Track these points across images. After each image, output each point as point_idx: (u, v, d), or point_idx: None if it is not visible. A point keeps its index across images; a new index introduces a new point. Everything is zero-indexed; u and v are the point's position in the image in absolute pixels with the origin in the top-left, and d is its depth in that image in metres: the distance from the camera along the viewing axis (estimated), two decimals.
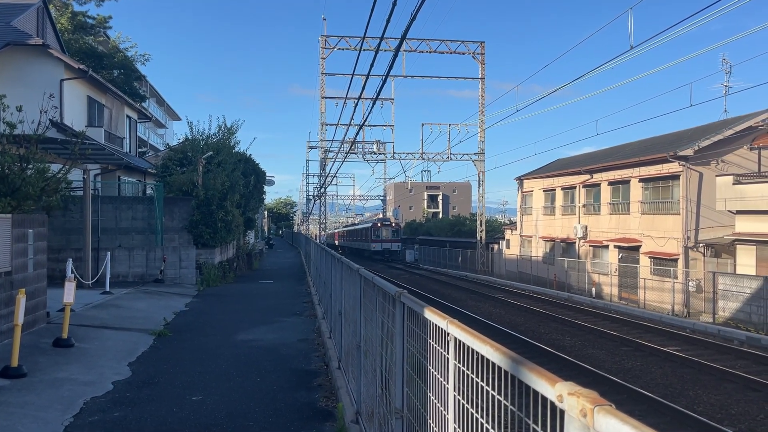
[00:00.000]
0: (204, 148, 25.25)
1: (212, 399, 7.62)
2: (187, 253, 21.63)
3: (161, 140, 51.34)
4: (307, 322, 13.84)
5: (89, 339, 10.81)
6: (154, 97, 49.30)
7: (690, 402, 9.39)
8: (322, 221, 59.15)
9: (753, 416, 8.67)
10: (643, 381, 10.60)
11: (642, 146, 31.35)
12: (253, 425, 6.65)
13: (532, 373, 1.73)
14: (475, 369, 2.42)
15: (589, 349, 13.12)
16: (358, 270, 6.26)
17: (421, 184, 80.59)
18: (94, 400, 7.44)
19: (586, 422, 1.36)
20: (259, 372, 9.11)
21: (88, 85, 24.97)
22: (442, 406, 2.90)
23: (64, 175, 13.26)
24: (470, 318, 16.98)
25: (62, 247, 19.26)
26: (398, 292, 4.08)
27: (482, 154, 40.55)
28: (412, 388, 3.69)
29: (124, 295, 16.81)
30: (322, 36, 38.36)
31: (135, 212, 21.83)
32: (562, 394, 1.49)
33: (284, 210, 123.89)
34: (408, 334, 3.83)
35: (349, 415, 6.29)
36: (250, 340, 11.66)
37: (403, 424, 3.88)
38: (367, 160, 42.16)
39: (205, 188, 22.61)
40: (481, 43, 39.37)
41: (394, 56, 11.01)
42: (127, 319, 13.28)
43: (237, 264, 28.81)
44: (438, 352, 2.99)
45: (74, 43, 31.89)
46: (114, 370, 9.03)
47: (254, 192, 30.42)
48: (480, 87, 40.05)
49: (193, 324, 13.57)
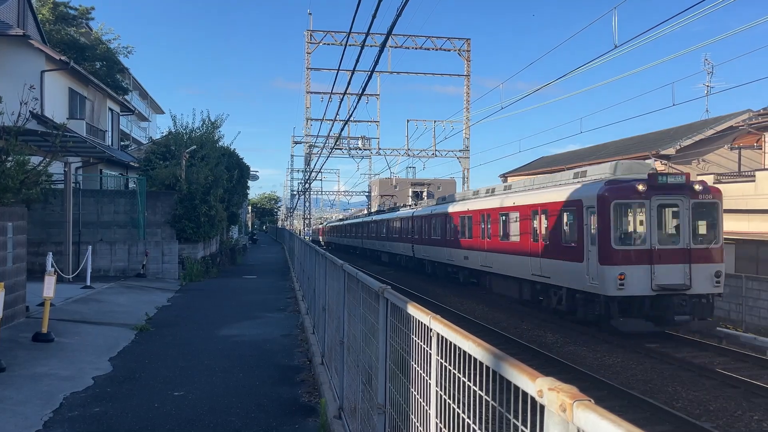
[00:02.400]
0: (188, 142, 25.07)
1: (194, 394, 7.58)
2: (170, 248, 21.47)
3: (144, 133, 50.85)
4: (291, 318, 13.81)
5: (69, 334, 10.70)
6: (137, 90, 48.81)
7: (669, 398, 9.51)
8: (306, 216, 58.90)
9: (731, 412, 8.80)
10: (623, 377, 10.72)
11: (625, 145, 31.64)
12: (236, 420, 6.63)
13: (514, 368, 1.74)
14: (458, 365, 2.43)
15: (570, 346, 13.23)
16: (342, 266, 6.25)
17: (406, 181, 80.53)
18: (74, 395, 7.37)
19: (565, 417, 1.38)
20: (242, 367, 9.07)
21: (69, 76, 24.66)
22: (425, 401, 2.91)
23: (45, 167, 13.10)
24: (454, 315, 17.02)
25: (42, 240, 19.02)
26: (382, 288, 4.08)
27: (467, 151, 40.65)
28: (395, 384, 3.70)
29: (106, 289, 16.65)
30: (307, 30, 38.19)
31: (117, 206, 21.62)
32: (542, 389, 1.50)
33: (268, 205, 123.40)
34: (391, 330, 3.84)
35: (332, 411, 6.29)
36: (233, 336, 11.61)
37: (385, 420, 3.89)
38: (352, 155, 42.07)
39: (188, 182, 22.46)
40: (467, 40, 39.44)
41: (379, 52, 11.00)
42: (108, 314, 13.17)
43: (220, 259, 28.66)
44: (421, 347, 3.00)
45: (56, 34, 31.46)
46: (94, 365, 8.95)
47: (238, 187, 30.26)
48: (465, 84, 40.14)
49: (176, 319, 13.48)
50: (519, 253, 17.36)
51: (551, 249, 15.46)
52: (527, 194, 17.60)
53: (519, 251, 17.37)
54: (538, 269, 16.08)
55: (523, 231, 17.25)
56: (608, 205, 13.19)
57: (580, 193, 14.35)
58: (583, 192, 14.26)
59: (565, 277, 14.78)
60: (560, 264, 14.94)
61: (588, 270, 13.64)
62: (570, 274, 14.49)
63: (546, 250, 15.70)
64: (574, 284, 14.40)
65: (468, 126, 40.27)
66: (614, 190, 13.40)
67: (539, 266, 16.00)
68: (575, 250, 14.22)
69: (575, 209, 14.44)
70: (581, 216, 14.06)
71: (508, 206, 18.55)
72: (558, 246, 15.15)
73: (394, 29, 10.39)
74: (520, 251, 17.31)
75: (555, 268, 15.22)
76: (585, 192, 14.19)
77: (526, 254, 16.86)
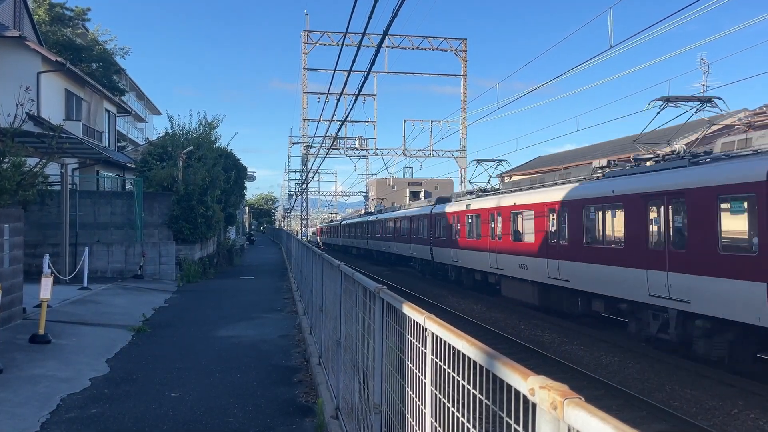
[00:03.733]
0: (184, 143, 25.04)
1: (192, 395, 7.58)
2: (167, 249, 21.45)
3: (141, 135, 50.82)
4: (288, 319, 13.81)
5: (66, 335, 10.69)
6: (133, 91, 48.77)
7: (666, 396, 9.53)
8: (303, 217, 58.90)
9: (727, 411, 8.83)
10: (620, 376, 10.74)
11: (621, 144, 31.66)
12: (233, 421, 6.63)
13: (506, 367, 1.75)
14: (452, 364, 2.44)
15: (568, 345, 13.26)
16: (339, 266, 6.27)
17: (403, 181, 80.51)
18: (71, 397, 7.37)
19: (556, 415, 1.39)
20: (239, 368, 9.08)
21: (66, 78, 24.64)
22: (420, 400, 2.92)
23: (41, 169, 13.09)
24: (451, 315, 17.04)
25: (39, 242, 18.99)
26: (378, 288, 4.10)
27: (464, 151, 40.71)
28: (391, 384, 3.71)
29: (103, 290, 16.64)
30: (304, 31, 38.23)
31: (114, 207, 21.59)
32: (534, 387, 1.52)
33: (266, 206, 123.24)
34: (387, 330, 3.85)
35: (329, 411, 6.30)
36: (230, 337, 11.61)
37: (381, 419, 3.91)
38: (349, 156, 42.10)
39: (185, 183, 22.43)
40: (464, 41, 39.50)
41: (376, 52, 11.01)
42: (106, 315, 13.15)
43: (218, 260, 28.64)
44: (416, 347, 3.01)
45: (52, 35, 31.42)
46: (92, 366, 8.94)
47: (235, 187, 30.25)
48: (462, 84, 40.19)
49: (173, 320, 13.48)
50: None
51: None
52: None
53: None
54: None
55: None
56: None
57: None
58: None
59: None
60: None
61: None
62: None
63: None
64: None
65: (465, 126, 40.32)
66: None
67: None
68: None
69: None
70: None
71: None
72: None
73: (390, 29, 10.42)
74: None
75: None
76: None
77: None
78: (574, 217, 14.63)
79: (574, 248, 14.42)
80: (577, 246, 14.36)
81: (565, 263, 14.73)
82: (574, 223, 14.69)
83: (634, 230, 12.28)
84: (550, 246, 15.58)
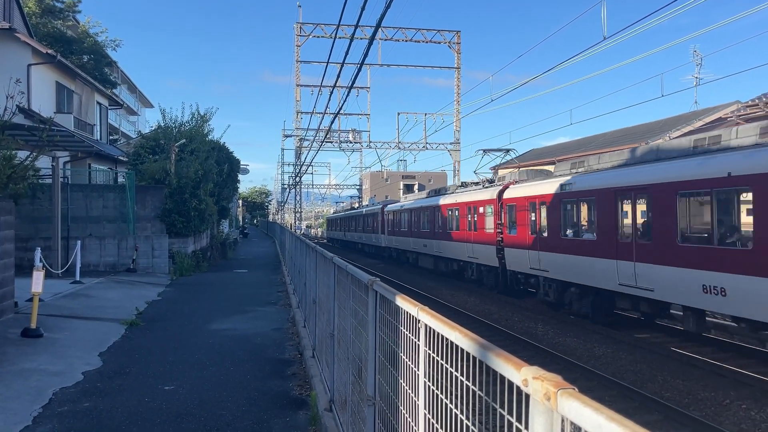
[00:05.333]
0: (177, 135, 24.93)
1: (185, 388, 7.56)
2: (160, 242, 21.38)
3: (133, 127, 50.52)
4: (282, 312, 13.80)
5: (59, 329, 10.64)
6: (125, 84, 48.47)
7: (659, 387, 9.58)
8: (297, 210, 58.82)
9: (719, 402, 8.88)
10: (614, 367, 10.79)
11: (615, 137, 31.77)
12: (226, 414, 6.62)
13: (499, 358, 1.74)
14: (445, 355, 2.43)
15: (561, 337, 13.30)
16: (332, 259, 6.25)
17: (397, 174, 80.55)
18: (63, 391, 7.34)
19: (549, 405, 1.38)
20: (232, 361, 9.06)
21: (56, 70, 24.44)
22: (413, 392, 2.91)
23: (32, 162, 12.99)
24: (444, 306, 17.08)
25: (30, 236, 18.88)
26: (371, 280, 4.08)
27: (458, 144, 40.70)
28: (384, 376, 3.70)
29: (95, 284, 16.57)
30: (297, 23, 38.05)
31: (106, 201, 21.49)
32: (527, 378, 1.51)
33: (259, 199, 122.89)
34: (380, 322, 3.84)
35: (323, 403, 6.30)
36: (223, 330, 11.59)
37: (375, 411, 3.90)
38: (342, 149, 42.05)
39: (177, 176, 22.34)
40: (457, 33, 39.42)
41: (369, 44, 10.96)
42: (98, 309, 13.10)
43: (211, 253, 28.57)
44: (409, 339, 3.00)
45: (42, 27, 31.15)
46: (84, 360, 8.91)
47: (228, 180, 30.15)
48: (456, 77, 40.16)
49: (166, 313, 13.44)
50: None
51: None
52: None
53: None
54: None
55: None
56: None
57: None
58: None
59: None
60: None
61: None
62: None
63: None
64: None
65: (458, 118, 40.30)
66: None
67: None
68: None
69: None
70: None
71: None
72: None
73: (383, 21, 10.37)
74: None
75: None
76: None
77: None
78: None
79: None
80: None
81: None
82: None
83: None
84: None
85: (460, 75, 40.08)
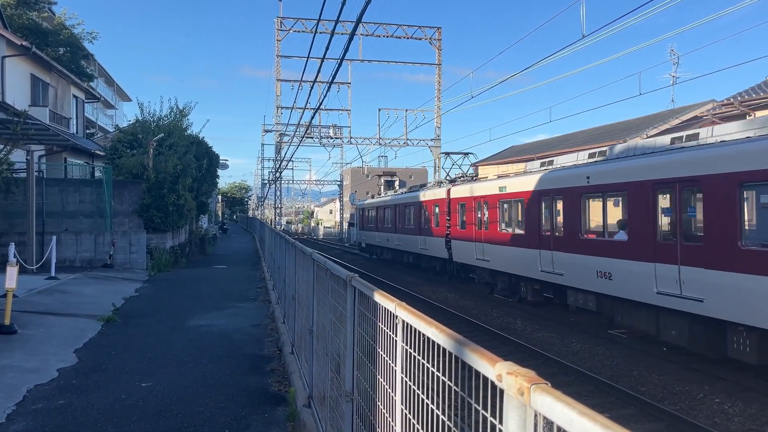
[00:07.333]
0: (155, 130, 24.63)
1: (162, 385, 7.50)
2: (138, 238, 21.14)
3: (111, 121, 49.83)
4: (261, 308, 13.74)
5: (33, 325, 10.49)
6: (102, 77, 47.77)
7: (635, 382, 9.71)
8: (277, 206, 58.52)
9: (693, 396, 9.03)
10: (591, 362, 10.91)
11: (593, 134, 32.02)
12: (204, 410, 6.58)
13: (475, 353, 1.75)
14: (422, 351, 2.44)
15: (539, 333, 13.41)
16: (312, 254, 6.23)
17: (377, 170, 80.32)
18: (38, 388, 7.24)
19: (523, 400, 1.39)
20: (211, 358, 9.00)
21: (31, 62, 24.02)
22: (391, 388, 2.92)
23: (6, 156, 12.77)
24: (424, 302, 17.13)
25: (4, 231, 18.57)
26: (350, 276, 4.07)
27: (438, 140, 40.75)
28: (363, 372, 3.70)
29: (71, 280, 16.35)
30: (277, 18, 37.77)
31: (83, 195, 21.19)
32: (501, 373, 1.51)
33: (239, 194, 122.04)
34: (359, 318, 3.83)
35: (302, 400, 6.29)
36: (202, 326, 11.50)
37: (353, 407, 3.90)
38: (323, 144, 41.84)
39: (156, 171, 22.10)
40: (438, 29, 39.43)
41: (349, 39, 10.91)
42: (74, 305, 12.93)
43: (190, 249, 28.33)
44: (387, 335, 3.00)
45: (17, 18, 30.52)
46: (59, 357, 8.79)
47: (207, 176, 29.88)
48: (437, 73, 40.16)
49: (144, 309, 13.30)
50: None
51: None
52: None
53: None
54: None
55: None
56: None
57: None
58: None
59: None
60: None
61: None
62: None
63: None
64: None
65: (439, 115, 40.35)
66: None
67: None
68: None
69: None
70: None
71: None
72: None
73: (364, 17, 10.32)
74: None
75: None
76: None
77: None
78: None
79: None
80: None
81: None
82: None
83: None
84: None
85: (440, 71, 40.12)
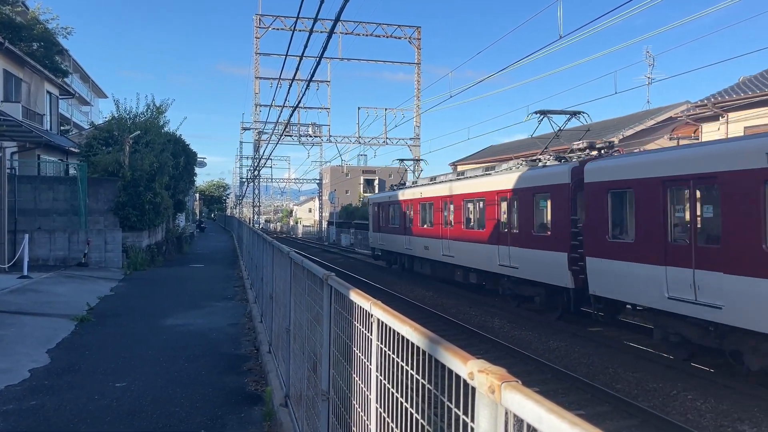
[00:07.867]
0: (131, 127, 24.31)
1: (137, 385, 7.41)
2: (113, 236, 20.87)
3: (86, 118, 49.03)
4: (238, 307, 13.64)
5: (4, 325, 10.31)
6: (77, 73, 47.02)
7: (610, 379, 9.83)
8: (256, 204, 58.18)
9: (667, 392, 9.16)
10: (567, 360, 11.01)
11: (574, 132, 32.30)
12: (180, 411, 6.51)
13: (447, 352, 1.75)
14: (397, 350, 2.43)
15: (517, 331, 13.51)
16: (289, 253, 6.20)
17: (357, 168, 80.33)
18: (8, 389, 7.11)
19: (494, 398, 1.39)
20: (187, 357, 8.92)
21: (4, 57, 23.58)
22: (366, 387, 2.91)
23: None
24: (401, 301, 17.16)
25: None
26: (326, 274, 4.06)
27: (417, 139, 40.87)
28: (339, 371, 3.69)
29: (44, 279, 16.08)
30: (256, 15, 37.57)
31: (56, 193, 20.86)
32: (473, 371, 1.52)
33: (217, 193, 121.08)
34: (335, 317, 3.82)
35: (278, 399, 6.25)
36: (178, 325, 11.39)
37: (329, 406, 3.89)
38: (302, 142, 41.71)
39: (132, 169, 21.82)
40: (417, 28, 39.55)
41: (328, 37, 10.89)
42: (47, 305, 12.72)
43: (166, 247, 28.04)
44: (362, 333, 3.00)
45: None
46: (31, 357, 8.64)
47: (184, 173, 29.61)
48: (416, 72, 40.27)
49: (119, 309, 13.14)
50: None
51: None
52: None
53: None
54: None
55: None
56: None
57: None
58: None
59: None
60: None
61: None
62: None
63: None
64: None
65: (418, 114, 40.46)
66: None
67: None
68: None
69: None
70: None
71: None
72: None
73: (343, 15, 10.30)
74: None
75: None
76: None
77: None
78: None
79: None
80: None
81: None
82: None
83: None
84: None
85: (420, 71, 40.24)
